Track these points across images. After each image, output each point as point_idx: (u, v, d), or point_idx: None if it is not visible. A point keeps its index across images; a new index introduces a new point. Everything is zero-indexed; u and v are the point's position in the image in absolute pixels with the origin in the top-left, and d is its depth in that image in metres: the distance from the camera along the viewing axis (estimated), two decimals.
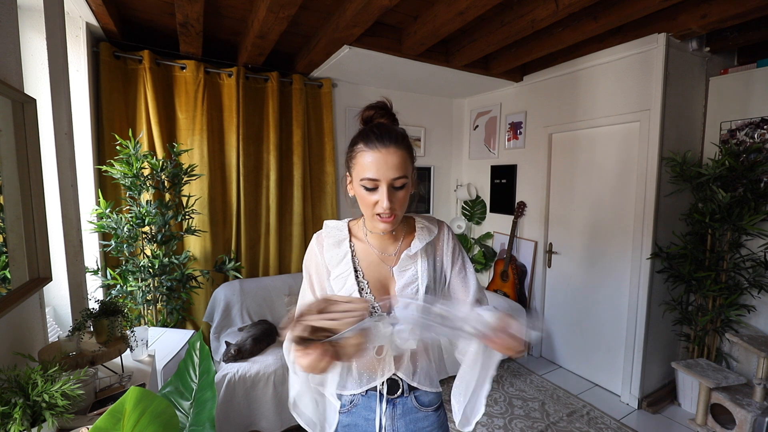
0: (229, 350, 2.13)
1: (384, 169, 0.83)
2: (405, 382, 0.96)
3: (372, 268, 0.96)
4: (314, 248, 0.99)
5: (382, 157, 0.83)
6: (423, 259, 0.96)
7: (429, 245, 0.98)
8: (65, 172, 1.50)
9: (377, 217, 0.88)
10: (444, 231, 1.01)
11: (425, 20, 2.25)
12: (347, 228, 0.99)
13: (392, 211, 0.86)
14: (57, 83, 1.46)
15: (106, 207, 2.09)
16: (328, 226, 1.00)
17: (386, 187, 0.84)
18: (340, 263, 0.95)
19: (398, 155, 0.84)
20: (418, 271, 0.94)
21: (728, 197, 2.21)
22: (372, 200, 0.86)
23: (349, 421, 0.99)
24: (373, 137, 0.85)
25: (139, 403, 0.61)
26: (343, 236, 0.97)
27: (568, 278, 3.03)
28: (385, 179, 0.83)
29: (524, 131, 3.31)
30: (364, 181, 0.85)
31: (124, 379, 1.26)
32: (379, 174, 0.83)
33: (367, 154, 0.84)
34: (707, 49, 2.52)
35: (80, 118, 2.19)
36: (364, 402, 0.97)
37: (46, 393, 0.84)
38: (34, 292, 1.15)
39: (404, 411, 0.98)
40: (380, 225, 0.89)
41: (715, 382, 2.13)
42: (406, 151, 0.87)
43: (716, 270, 2.35)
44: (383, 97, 0.98)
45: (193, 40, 2.36)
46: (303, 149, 2.98)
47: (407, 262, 0.95)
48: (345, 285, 0.93)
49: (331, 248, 0.96)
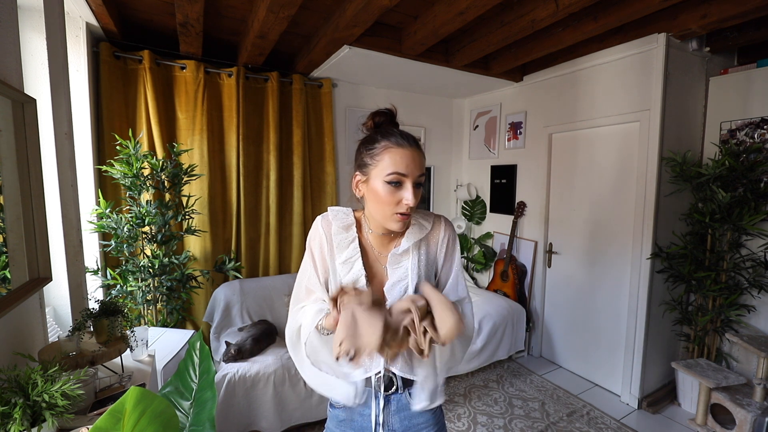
0: (229, 350, 2.13)
1: (412, 166, 0.87)
2: (399, 379, 0.97)
3: (369, 264, 0.98)
4: (320, 228, 0.99)
5: (410, 154, 0.87)
6: (414, 256, 0.96)
7: (422, 241, 0.99)
8: (65, 172, 1.50)
9: (397, 216, 0.89)
10: (441, 225, 1.02)
11: (425, 20, 2.25)
12: (353, 215, 1.00)
13: (411, 210, 0.89)
14: (57, 83, 1.46)
15: (106, 207, 2.09)
16: (334, 210, 1.01)
17: (412, 184, 0.87)
18: (347, 248, 0.96)
19: (421, 156, 0.91)
20: (408, 269, 0.95)
21: (728, 197, 2.21)
22: (395, 198, 0.88)
23: (344, 416, 1.00)
24: (399, 136, 0.89)
25: (139, 403, 0.61)
26: (350, 222, 0.98)
27: (568, 278, 3.03)
28: (412, 176, 0.87)
29: (524, 131, 3.31)
30: (391, 176, 0.86)
31: (124, 379, 1.26)
32: (408, 170, 0.87)
33: (396, 150, 0.87)
34: (707, 49, 2.52)
35: (80, 118, 2.19)
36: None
37: (46, 393, 0.84)
38: (34, 292, 1.15)
39: (399, 407, 0.98)
40: (396, 224, 0.90)
41: (715, 382, 2.13)
42: (423, 155, 0.93)
43: (716, 270, 2.35)
44: (391, 104, 1.00)
45: (193, 40, 2.36)
46: (303, 149, 2.98)
47: (398, 259, 0.96)
48: (352, 269, 0.94)
49: (339, 231, 0.97)
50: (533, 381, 2.86)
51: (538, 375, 2.95)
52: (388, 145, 0.88)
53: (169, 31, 2.46)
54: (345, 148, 3.26)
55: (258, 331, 2.30)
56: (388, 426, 0.98)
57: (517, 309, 3.05)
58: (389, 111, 0.97)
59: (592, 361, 2.87)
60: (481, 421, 2.35)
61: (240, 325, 2.51)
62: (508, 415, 2.43)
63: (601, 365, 2.80)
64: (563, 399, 2.63)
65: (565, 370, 3.05)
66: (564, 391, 2.73)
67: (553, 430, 2.29)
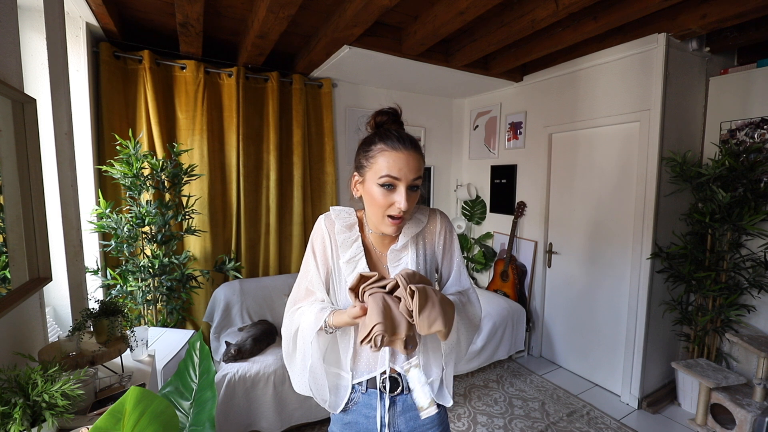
0: (229, 350, 2.13)
1: (406, 169, 0.86)
2: (405, 379, 0.97)
3: (372, 263, 0.99)
4: (323, 227, 0.99)
5: (404, 157, 0.86)
6: (412, 250, 0.97)
7: (419, 236, 1.00)
8: (65, 172, 1.50)
9: (388, 219, 0.89)
10: (436, 218, 1.02)
11: (425, 20, 2.25)
12: (355, 215, 1.01)
13: (405, 214, 0.88)
14: (57, 83, 1.46)
15: (106, 207, 2.09)
16: (336, 209, 1.01)
17: (405, 187, 0.86)
18: (350, 247, 0.96)
19: (417, 158, 0.88)
20: (408, 264, 0.96)
21: (728, 197, 2.21)
22: (387, 201, 0.87)
23: (349, 419, 0.99)
24: (395, 139, 0.88)
25: (139, 403, 0.61)
26: (353, 221, 0.99)
27: (568, 278, 3.03)
28: (405, 179, 0.86)
29: (524, 131, 3.31)
30: (384, 179, 0.86)
31: (124, 379, 1.26)
32: (401, 173, 0.86)
33: (390, 154, 0.87)
34: (707, 49, 2.52)
35: (80, 118, 2.19)
36: (364, 400, 0.97)
37: (46, 393, 0.84)
38: (34, 292, 1.15)
39: (404, 408, 0.98)
40: (389, 228, 0.91)
41: (715, 382, 2.13)
42: (421, 157, 0.91)
43: (716, 270, 2.35)
44: (395, 104, 1.00)
45: (193, 40, 2.36)
46: (303, 149, 2.98)
47: (398, 255, 0.97)
48: (356, 268, 0.95)
49: (343, 230, 0.97)
50: (533, 381, 2.86)
51: (538, 375, 2.95)
52: (383, 148, 0.87)
53: (169, 31, 2.46)
54: (345, 148, 3.26)
55: (258, 331, 2.30)
56: (393, 427, 0.98)
57: (517, 309, 3.05)
58: (392, 111, 0.97)
59: (592, 361, 2.87)
60: (481, 421, 2.35)
61: (240, 325, 2.51)
62: (508, 415, 2.43)
63: (601, 365, 2.80)
64: (563, 399, 2.63)
65: (565, 370, 3.05)
66: (564, 391, 2.73)
67: (553, 430, 2.29)
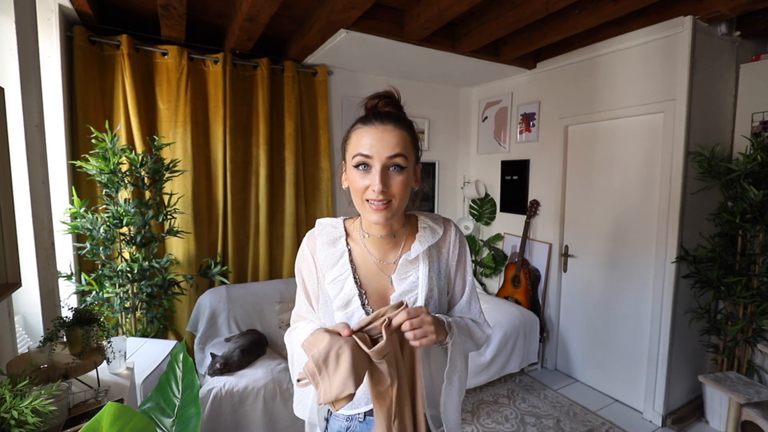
0: (215, 363, 2.13)
1: (378, 146, 0.82)
2: None
3: (369, 277, 0.94)
4: (305, 250, 0.99)
5: (378, 133, 0.83)
6: (425, 263, 0.94)
7: (433, 248, 0.96)
8: (36, 167, 1.50)
9: (367, 204, 0.85)
10: (451, 231, 1.00)
11: (429, 1, 2.25)
12: (343, 226, 0.98)
13: (385, 197, 0.82)
14: (27, 71, 1.46)
15: (81, 206, 2.09)
16: (321, 224, 1.00)
17: (380, 167, 0.82)
18: (336, 265, 0.94)
19: (396, 134, 0.83)
20: (419, 278, 0.93)
21: (761, 195, 2.21)
22: (363, 184, 0.84)
23: None
24: (371, 116, 0.86)
25: (116, 420, 0.61)
26: (338, 234, 0.96)
27: (586, 284, 3.03)
28: (378, 158, 0.82)
29: (537, 123, 3.31)
30: (356, 158, 0.84)
31: (100, 393, 1.26)
32: (372, 151, 0.82)
33: (361, 130, 0.85)
34: (737, 34, 2.52)
35: (52, 109, 2.19)
36: (361, 428, 0.97)
37: (15, 409, 0.84)
38: (1, 299, 1.15)
39: None
40: (372, 216, 0.85)
41: (746, 397, 2.13)
42: (406, 132, 0.86)
43: (747, 275, 2.35)
44: (390, 86, 0.97)
45: (176, 23, 2.36)
46: (296, 143, 2.98)
47: (407, 268, 0.93)
48: (342, 290, 0.92)
49: (326, 247, 0.95)
50: (547, 396, 2.86)
51: (553, 390, 2.95)
52: (357, 126, 0.87)
53: (149, 14, 2.46)
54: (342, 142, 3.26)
55: (246, 342, 2.30)
56: None
57: (529, 317, 3.05)
58: (385, 94, 0.93)
59: (611, 374, 2.87)
60: None
61: (227, 335, 2.51)
62: None
63: (622, 379, 2.80)
64: (580, 416, 2.63)
65: (582, 384, 3.05)
66: (581, 407, 2.73)
67: None
